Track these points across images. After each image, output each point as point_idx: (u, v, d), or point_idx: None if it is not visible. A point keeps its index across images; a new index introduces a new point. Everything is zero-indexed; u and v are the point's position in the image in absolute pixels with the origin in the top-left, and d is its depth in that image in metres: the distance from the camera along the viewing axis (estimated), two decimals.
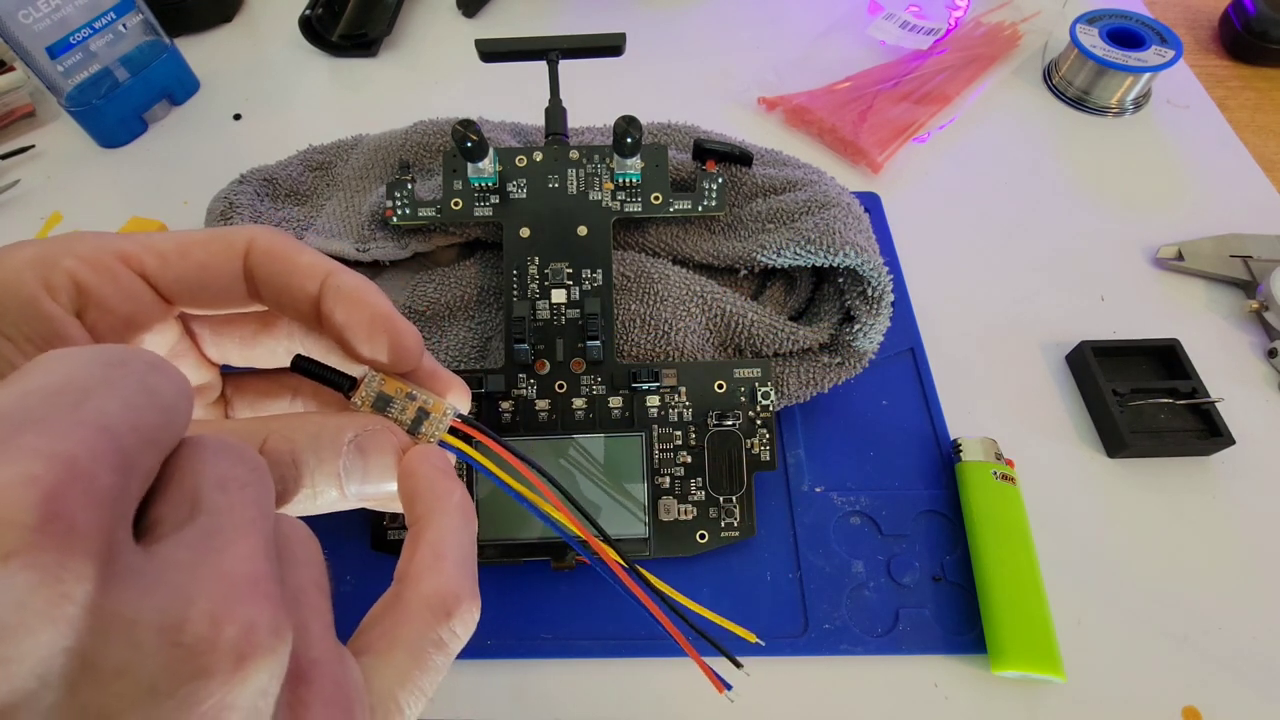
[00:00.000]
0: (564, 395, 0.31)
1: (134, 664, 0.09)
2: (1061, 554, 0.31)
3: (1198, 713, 0.28)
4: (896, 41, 0.53)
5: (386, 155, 0.38)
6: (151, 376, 0.11)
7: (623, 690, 0.29)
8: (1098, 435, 0.35)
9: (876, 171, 0.46)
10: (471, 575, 0.16)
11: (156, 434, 0.11)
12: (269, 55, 0.55)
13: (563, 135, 0.35)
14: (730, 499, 0.30)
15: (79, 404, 0.10)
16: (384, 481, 0.17)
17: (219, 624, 0.10)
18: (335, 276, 0.17)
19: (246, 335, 0.19)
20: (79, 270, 0.15)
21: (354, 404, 0.17)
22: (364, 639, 0.15)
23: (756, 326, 0.32)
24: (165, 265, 0.17)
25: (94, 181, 0.47)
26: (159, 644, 0.10)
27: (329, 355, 0.19)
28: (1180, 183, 0.46)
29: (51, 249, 0.15)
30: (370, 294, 0.17)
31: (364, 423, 0.17)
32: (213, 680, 0.10)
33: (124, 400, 0.11)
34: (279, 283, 0.17)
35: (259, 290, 0.17)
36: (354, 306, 0.17)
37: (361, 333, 0.17)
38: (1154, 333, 0.37)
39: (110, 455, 0.10)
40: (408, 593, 0.15)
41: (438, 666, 0.15)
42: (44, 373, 0.11)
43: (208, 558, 0.11)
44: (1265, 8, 0.52)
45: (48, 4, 0.42)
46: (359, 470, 0.16)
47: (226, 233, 0.17)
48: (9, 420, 0.10)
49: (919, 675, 0.29)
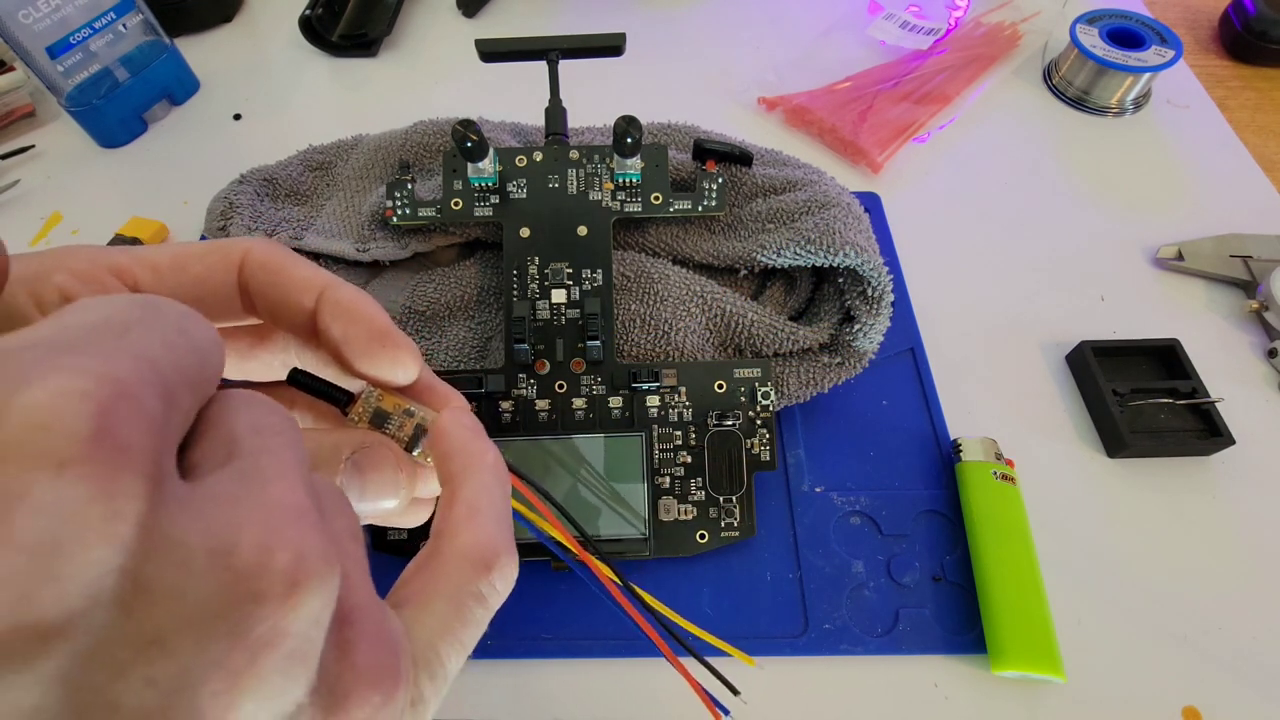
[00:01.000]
0: (564, 395, 0.31)
1: (187, 586, 0.09)
2: (1061, 554, 0.31)
3: (1198, 713, 0.28)
4: (896, 41, 0.53)
5: (386, 155, 0.38)
6: (187, 322, 0.12)
7: (623, 690, 0.29)
8: (1098, 435, 0.35)
9: (876, 171, 0.46)
10: (508, 532, 0.16)
11: (194, 374, 0.11)
12: (269, 55, 0.55)
13: (563, 135, 0.35)
14: (730, 499, 0.30)
15: (121, 336, 0.10)
16: (382, 499, 0.17)
17: (270, 550, 0.10)
18: (332, 290, 0.17)
19: (242, 349, 0.19)
20: (70, 285, 0.15)
21: (351, 420, 0.17)
22: (401, 593, 0.15)
23: (756, 326, 0.32)
24: (159, 279, 0.16)
25: (94, 181, 0.46)
26: (211, 567, 0.10)
27: (326, 369, 0.18)
28: (1180, 183, 0.46)
29: (43, 263, 0.15)
30: (368, 307, 0.17)
31: (361, 439, 0.16)
32: (266, 605, 0.10)
33: (163, 339, 0.11)
34: (275, 296, 0.17)
35: (254, 303, 0.17)
36: (351, 320, 0.17)
37: (359, 347, 0.17)
38: (1154, 333, 0.37)
39: (155, 384, 0.10)
40: (445, 547, 0.15)
41: (478, 620, 0.15)
42: (82, 310, 0.11)
43: (252, 491, 0.11)
44: (1265, 8, 0.52)
45: (48, 4, 0.42)
46: (356, 488, 0.16)
47: (222, 245, 0.17)
48: (53, 344, 0.10)
49: (919, 675, 0.29)
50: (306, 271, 0.17)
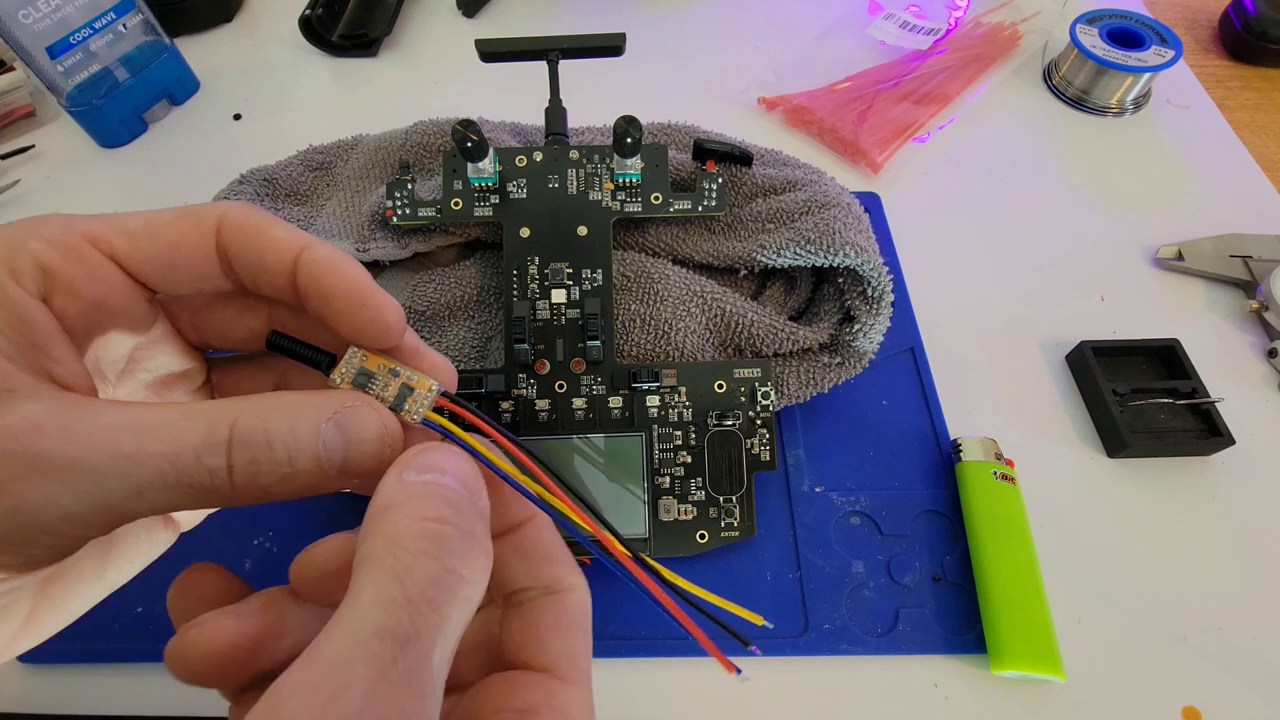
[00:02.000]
0: (564, 395, 0.31)
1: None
2: (1061, 554, 0.31)
3: (1198, 713, 0.28)
4: (896, 41, 0.53)
5: (386, 155, 0.38)
6: None
7: (623, 690, 0.29)
8: (1098, 435, 0.35)
9: (876, 171, 0.46)
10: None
11: None
12: (269, 55, 0.55)
13: (563, 135, 0.35)
14: (730, 499, 0.30)
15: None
16: (366, 461, 0.16)
17: None
18: (310, 250, 0.16)
19: (228, 318, 0.19)
20: (44, 254, 0.15)
21: (333, 380, 0.16)
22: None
23: (756, 326, 0.32)
24: (135, 246, 0.16)
25: (94, 181, 0.47)
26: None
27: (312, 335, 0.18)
28: (1180, 183, 0.46)
29: (16, 233, 0.15)
30: (346, 265, 0.16)
31: (343, 400, 0.16)
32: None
33: None
34: (253, 259, 0.16)
35: (234, 268, 0.17)
36: (330, 279, 0.16)
37: (339, 305, 0.16)
38: (1154, 333, 0.37)
39: None
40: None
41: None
42: None
43: None
44: (1265, 8, 0.52)
45: (48, 4, 0.42)
46: (339, 448, 0.15)
47: (197, 209, 0.17)
48: None
49: (919, 675, 0.29)
50: (284, 233, 0.17)
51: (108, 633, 0.30)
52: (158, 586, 0.31)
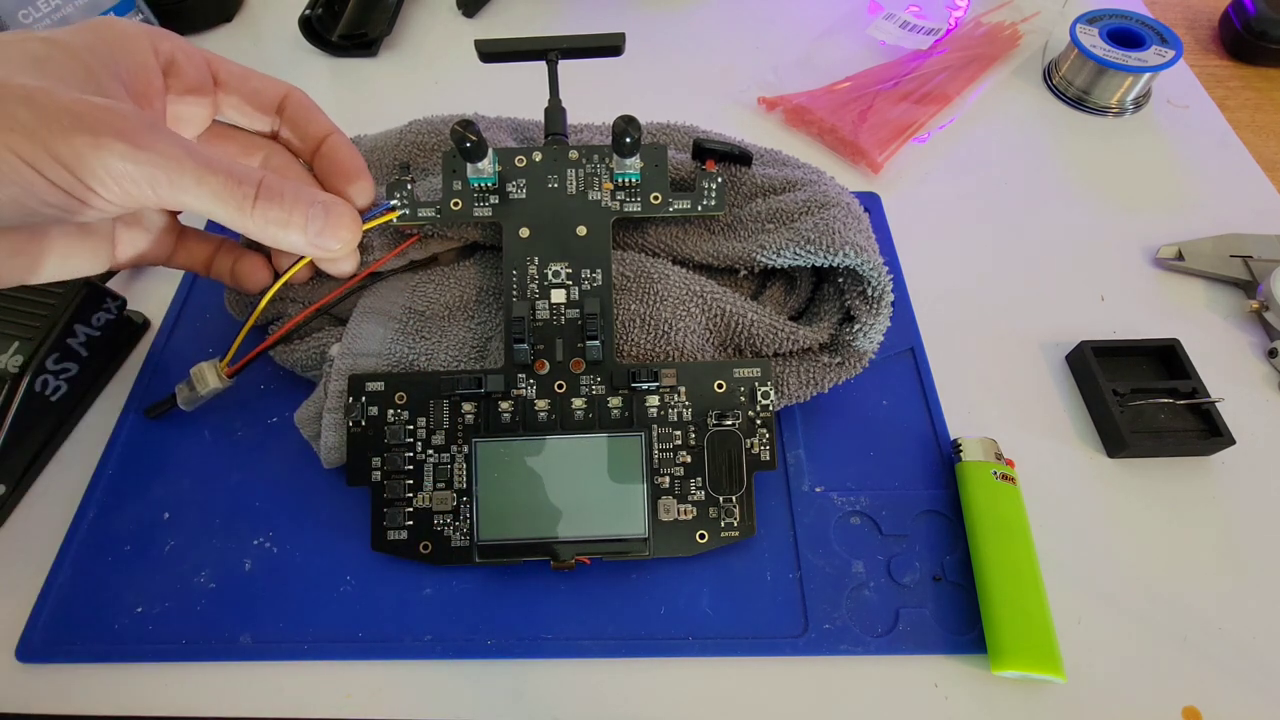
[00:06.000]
0: (564, 395, 0.31)
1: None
2: (1061, 554, 0.31)
3: (1198, 713, 0.28)
4: (896, 41, 0.53)
5: (382, 156, 0.38)
6: None
7: (623, 690, 0.29)
8: (1098, 435, 0.35)
9: (876, 171, 0.46)
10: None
11: None
12: (269, 55, 0.55)
13: (562, 135, 0.35)
14: (730, 499, 0.30)
15: None
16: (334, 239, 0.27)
17: None
18: (333, 138, 0.31)
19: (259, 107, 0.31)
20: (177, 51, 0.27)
21: None
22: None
23: (756, 326, 0.32)
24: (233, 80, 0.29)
25: None
26: None
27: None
28: (1180, 183, 0.46)
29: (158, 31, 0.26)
30: (353, 160, 0.31)
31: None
32: None
33: None
34: (298, 127, 0.31)
35: (284, 122, 0.31)
36: (341, 159, 0.31)
37: (340, 178, 0.31)
38: (1154, 333, 0.37)
39: None
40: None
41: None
42: None
43: None
44: (1265, 8, 0.52)
45: (48, 4, 0.42)
46: (320, 220, 0.27)
47: (274, 80, 0.30)
48: None
49: (919, 675, 0.29)
50: (322, 119, 0.31)
51: (107, 633, 0.30)
52: (158, 586, 0.31)
